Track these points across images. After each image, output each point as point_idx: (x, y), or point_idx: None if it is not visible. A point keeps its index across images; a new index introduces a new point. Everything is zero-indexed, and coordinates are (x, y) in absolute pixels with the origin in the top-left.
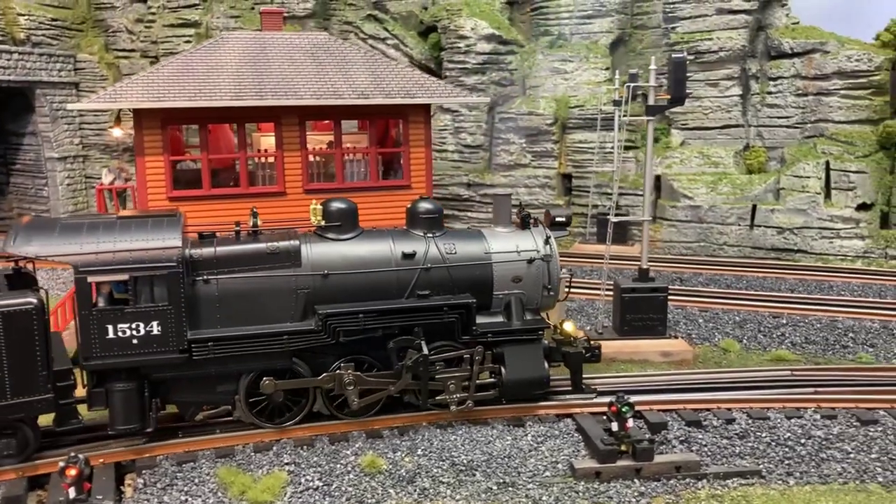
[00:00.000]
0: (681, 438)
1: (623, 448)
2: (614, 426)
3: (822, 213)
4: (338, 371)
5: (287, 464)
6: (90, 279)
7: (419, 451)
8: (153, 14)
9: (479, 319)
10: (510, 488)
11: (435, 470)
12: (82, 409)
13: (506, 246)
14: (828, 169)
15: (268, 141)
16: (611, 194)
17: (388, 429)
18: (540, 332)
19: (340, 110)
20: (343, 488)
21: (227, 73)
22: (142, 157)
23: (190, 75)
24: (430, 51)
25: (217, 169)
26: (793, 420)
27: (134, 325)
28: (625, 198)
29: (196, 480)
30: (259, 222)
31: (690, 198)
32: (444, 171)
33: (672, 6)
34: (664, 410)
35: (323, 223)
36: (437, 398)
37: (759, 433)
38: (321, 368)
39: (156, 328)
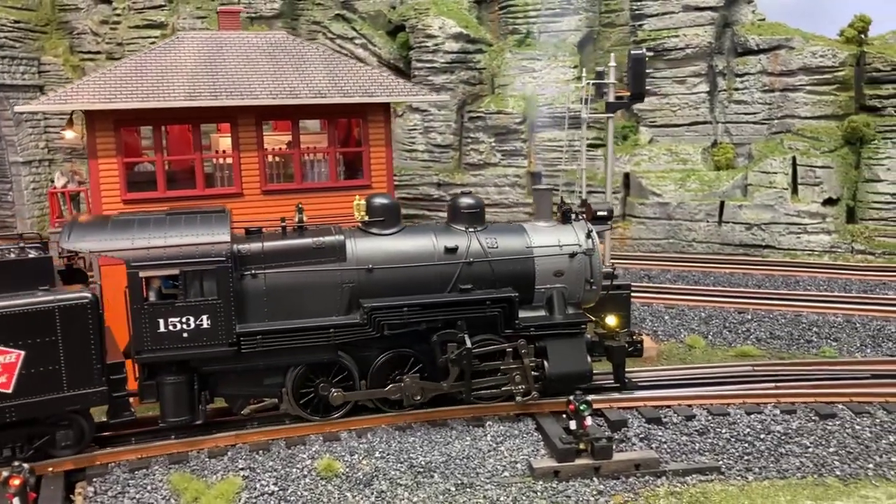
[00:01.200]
0: (641, 436)
1: (582, 446)
2: (573, 425)
3: (790, 208)
4: (402, 384)
5: (242, 469)
6: (142, 274)
7: (377, 454)
8: (118, 16)
9: (522, 313)
10: (468, 489)
11: (392, 472)
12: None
13: (547, 240)
14: (794, 164)
15: (226, 142)
16: (580, 192)
17: (346, 431)
18: (583, 326)
19: (298, 110)
20: (299, 493)
21: (182, 74)
22: (95, 159)
23: (143, 76)
24: (399, 50)
25: (176, 171)
26: (753, 415)
27: (184, 319)
28: (594, 195)
29: (148, 487)
30: (305, 217)
31: (659, 195)
32: (415, 171)
33: (639, 4)
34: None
35: (366, 218)
36: (483, 392)
37: (718, 429)
38: (364, 361)
39: (205, 322)
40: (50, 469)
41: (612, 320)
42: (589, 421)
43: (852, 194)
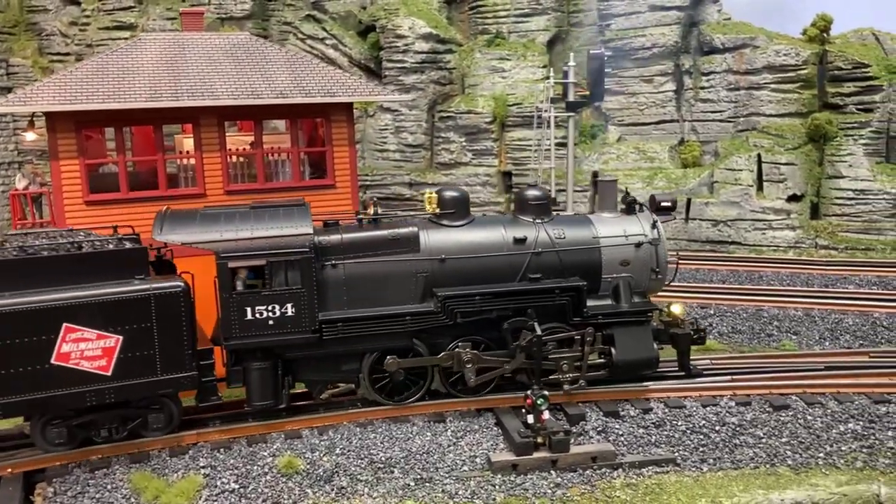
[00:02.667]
0: (598, 429)
1: (540, 440)
2: (530, 419)
3: (755, 205)
4: (456, 350)
5: (203, 467)
6: (231, 264)
7: (338, 450)
8: (87, 17)
9: (589, 302)
10: (427, 484)
11: (353, 468)
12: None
13: (613, 230)
14: (759, 162)
15: (190, 142)
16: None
17: (308, 429)
18: (649, 314)
19: (260, 110)
20: (259, 490)
21: (143, 75)
22: (56, 161)
23: (104, 77)
24: (370, 50)
25: (140, 172)
26: (708, 408)
27: (270, 307)
28: (563, 194)
29: (109, 487)
30: (379, 210)
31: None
32: (386, 171)
33: (606, 4)
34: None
35: (438, 211)
36: (550, 378)
37: (675, 422)
38: (437, 349)
39: (290, 310)
40: (9, 469)
41: (676, 308)
42: (546, 415)
43: (816, 191)
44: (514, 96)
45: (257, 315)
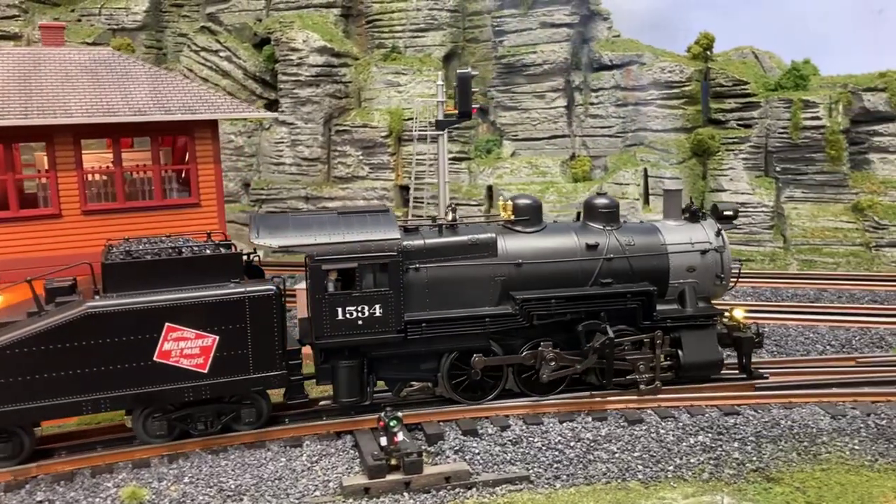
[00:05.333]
0: (456, 448)
1: (393, 462)
2: (383, 441)
3: (641, 218)
4: (539, 348)
5: (41, 502)
6: (324, 267)
7: (186, 479)
8: None
9: (657, 306)
10: None
11: (201, 497)
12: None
13: (680, 238)
14: (646, 176)
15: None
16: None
17: (157, 457)
18: (715, 318)
19: (119, 128)
20: None
21: None
22: None
23: None
24: (266, 63)
25: None
26: (565, 424)
27: (360, 308)
28: (460, 209)
29: None
30: (458, 217)
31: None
32: (282, 185)
33: (499, 20)
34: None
35: (513, 217)
36: (625, 378)
37: (531, 438)
38: (510, 350)
39: (378, 311)
40: None
41: (738, 313)
42: (401, 436)
43: (700, 203)
44: (410, 111)
45: (348, 315)
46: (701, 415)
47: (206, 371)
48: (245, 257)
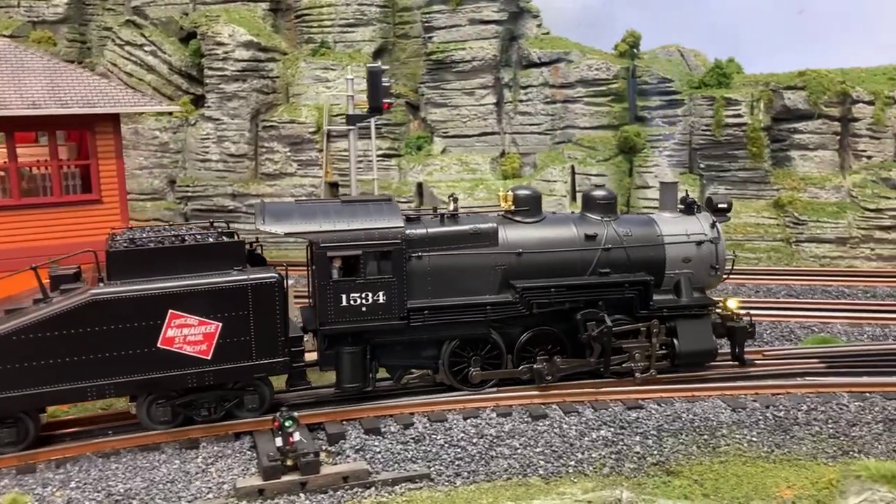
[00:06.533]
0: (356, 447)
1: (289, 463)
2: (279, 441)
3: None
4: (535, 367)
5: None
6: (329, 254)
7: (73, 484)
8: None
9: (654, 296)
10: None
11: (87, 502)
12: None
13: (676, 229)
14: (573, 173)
15: None
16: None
17: (44, 462)
18: (709, 308)
19: (12, 121)
20: None
21: None
22: None
23: None
24: (192, 57)
25: None
26: (469, 420)
27: (363, 295)
28: None
29: None
30: (459, 206)
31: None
32: (208, 182)
33: (429, 16)
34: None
35: (513, 208)
36: (622, 366)
37: (434, 436)
38: (509, 338)
39: (381, 297)
40: None
41: (732, 303)
42: (296, 436)
43: (626, 200)
44: (339, 106)
45: (352, 302)
46: (605, 409)
47: (209, 358)
48: (247, 246)
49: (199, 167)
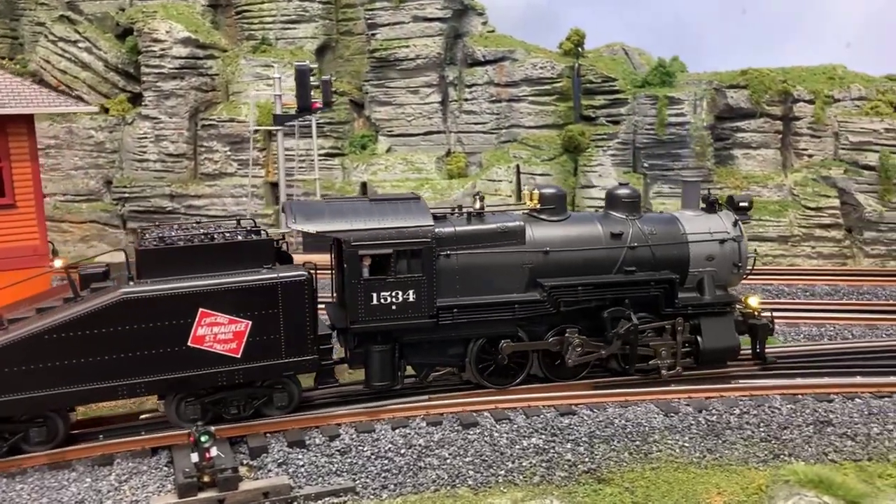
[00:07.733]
0: (279, 461)
1: (206, 479)
2: (195, 457)
3: None
4: (566, 335)
5: None
6: (361, 252)
7: None
8: None
9: (678, 294)
10: None
11: None
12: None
13: (699, 228)
14: (518, 172)
15: None
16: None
17: None
18: (732, 306)
19: None
20: None
21: None
22: None
23: None
24: (129, 54)
25: None
26: (398, 430)
27: (394, 293)
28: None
29: None
30: (485, 205)
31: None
32: (146, 183)
33: (372, 13)
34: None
35: (538, 206)
36: (648, 364)
37: (361, 447)
38: (535, 336)
39: (411, 296)
40: None
41: (753, 301)
42: (214, 451)
43: (571, 199)
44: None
45: (382, 300)
46: (537, 416)
47: (239, 356)
48: (275, 244)
49: (137, 167)
